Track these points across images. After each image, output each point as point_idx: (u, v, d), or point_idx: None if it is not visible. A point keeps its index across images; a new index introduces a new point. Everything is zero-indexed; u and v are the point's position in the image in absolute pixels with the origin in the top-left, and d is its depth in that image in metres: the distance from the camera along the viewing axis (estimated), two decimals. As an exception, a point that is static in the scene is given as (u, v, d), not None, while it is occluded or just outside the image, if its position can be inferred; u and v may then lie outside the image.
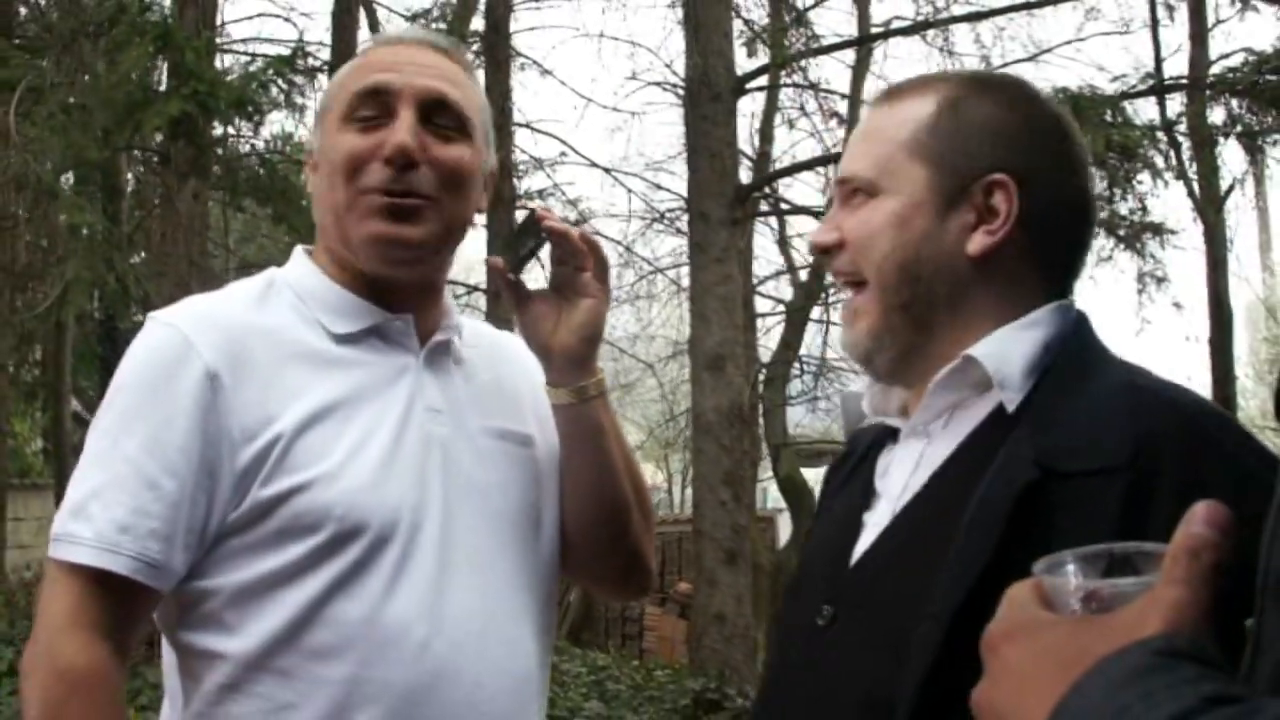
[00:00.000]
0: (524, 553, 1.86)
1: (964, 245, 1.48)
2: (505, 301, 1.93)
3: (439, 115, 1.78)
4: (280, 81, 9.58)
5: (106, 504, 1.64)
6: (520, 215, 1.93)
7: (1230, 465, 1.28)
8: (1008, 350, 1.42)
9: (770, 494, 21.00)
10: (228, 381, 1.68)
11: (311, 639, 1.67)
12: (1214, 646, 0.75)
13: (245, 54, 11.60)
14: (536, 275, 1.95)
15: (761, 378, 16.15)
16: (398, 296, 1.83)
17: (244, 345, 1.72)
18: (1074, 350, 1.45)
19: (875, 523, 1.52)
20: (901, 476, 1.52)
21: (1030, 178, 1.48)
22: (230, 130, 9.60)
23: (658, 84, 14.33)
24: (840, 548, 1.54)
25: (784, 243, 17.74)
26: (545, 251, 1.87)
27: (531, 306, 1.86)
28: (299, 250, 1.92)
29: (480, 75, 1.81)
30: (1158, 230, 11.15)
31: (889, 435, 1.61)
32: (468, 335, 1.95)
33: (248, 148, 10.19)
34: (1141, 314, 12.62)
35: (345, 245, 1.80)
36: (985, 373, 1.42)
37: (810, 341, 17.03)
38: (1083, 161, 1.56)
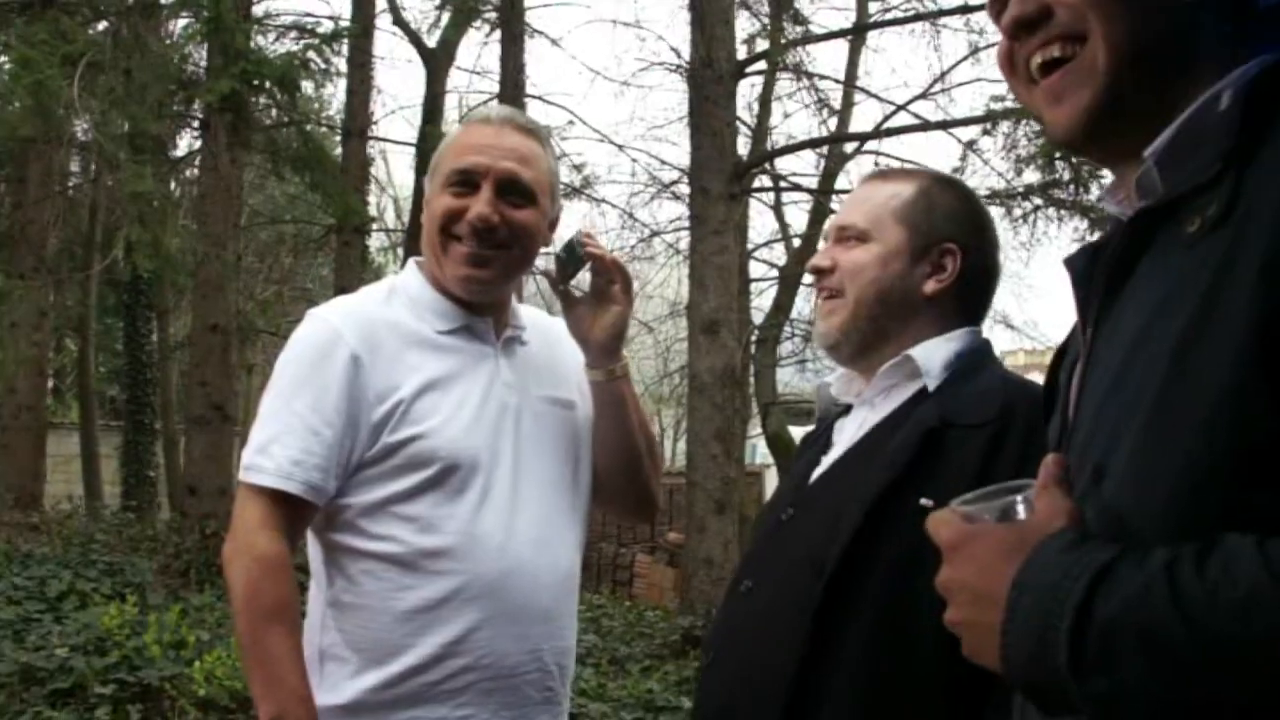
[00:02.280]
0: (568, 486, 2.45)
1: (922, 286, 2.16)
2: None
3: (513, 189, 2.35)
4: (319, 59, 10.27)
5: (284, 445, 2.22)
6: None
7: None
8: (932, 353, 2.11)
9: (759, 450, 21.23)
10: (366, 361, 2.27)
11: (424, 541, 2.25)
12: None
13: (277, 28, 12.24)
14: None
15: (754, 339, 16.62)
16: (478, 306, 2.41)
17: (376, 334, 2.30)
18: (974, 357, 2.14)
19: (829, 459, 2.20)
20: (851, 431, 2.20)
21: (968, 249, 2.18)
22: (270, 102, 10.20)
23: (662, 64, 14.87)
24: (804, 475, 2.23)
25: (779, 211, 18.03)
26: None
27: (575, 309, 2.45)
28: (413, 262, 2.50)
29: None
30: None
31: (845, 413, 2.28)
32: (528, 325, 2.53)
33: (285, 116, 10.80)
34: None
35: (440, 274, 2.39)
36: (916, 366, 2.10)
37: (801, 305, 17.38)
38: (997, 240, 2.31)
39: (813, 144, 13.56)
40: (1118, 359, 1.16)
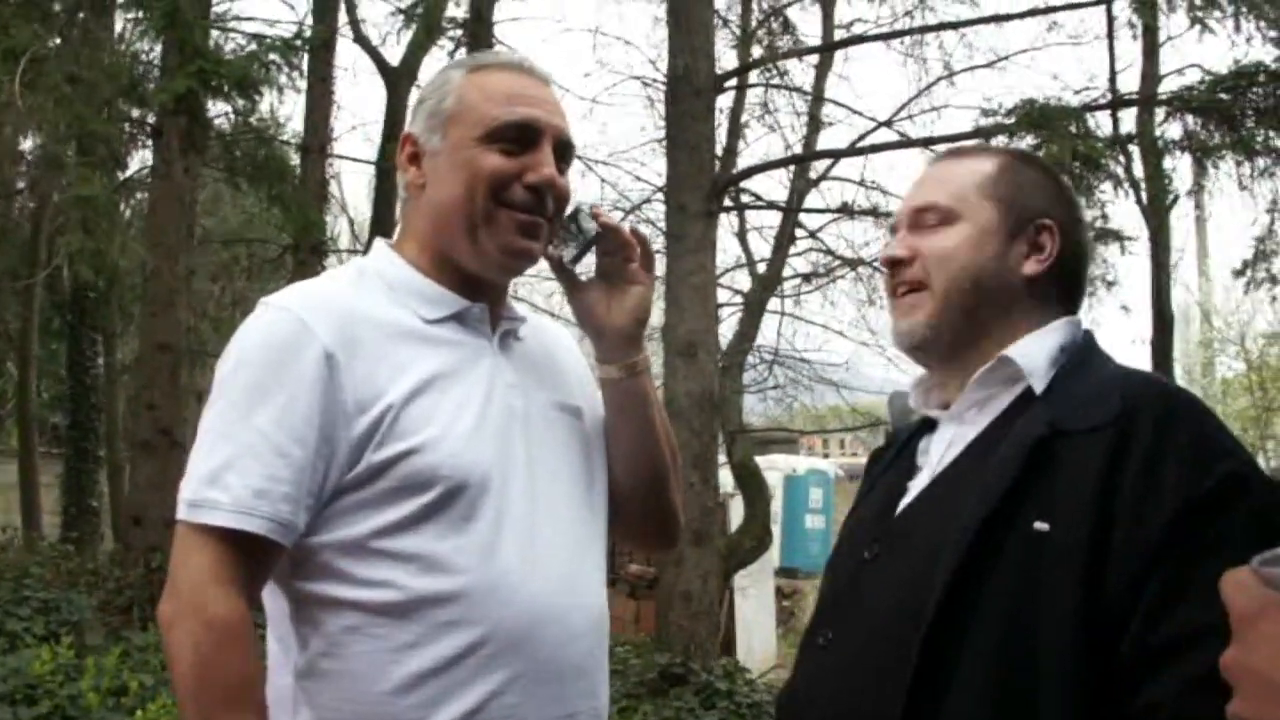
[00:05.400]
0: (586, 508, 2.06)
1: (1020, 268, 1.89)
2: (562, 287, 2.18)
3: (564, 152, 2.02)
4: (281, 62, 9.76)
5: (241, 472, 1.78)
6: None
7: (1192, 431, 1.64)
8: (1033, 350, 1.83)
9: (722, 479, 21.02)
10: (342, 360, 1.84)
11: (428, 584, 1.82)
12: None
13: (235, 32, 11.78)
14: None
15: (719, 366, 16.32)
16: (480, 290, 2.03)
17: (352, 327, 1.88)
18: (1081, 350, 1.86)
19: (916, 486, 1.89)
20: (939, 452, 1.89)
21: (1063, 225, 1.93)
22: (229, 108, 9.78)
23: (639, 78, 14.55)
24: (886, 505, 1.91)
25: (743, 235, 17.96)
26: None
27: (585, 293, 2.09)
28: (381, 243, 2.10)
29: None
30: (1117, 236, 11.63)
31: (926, 427, 1.98)
32: (525, 319, 2.16)
33: (244, 126, 10.34)
34: (1090, 315, 13.19)
35: (469, 246, 1.98)
36: (1015, 369, 1.81)
37: (767, 332, 17.25)
38: (1085, 219, 2.04)
39: (796, 160, 13.20)
40: None
